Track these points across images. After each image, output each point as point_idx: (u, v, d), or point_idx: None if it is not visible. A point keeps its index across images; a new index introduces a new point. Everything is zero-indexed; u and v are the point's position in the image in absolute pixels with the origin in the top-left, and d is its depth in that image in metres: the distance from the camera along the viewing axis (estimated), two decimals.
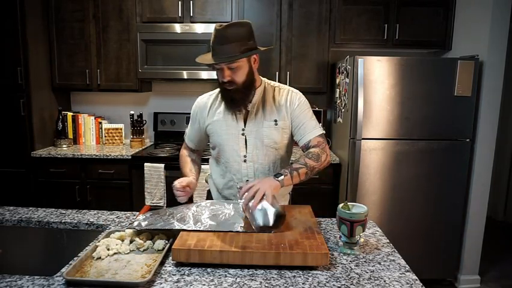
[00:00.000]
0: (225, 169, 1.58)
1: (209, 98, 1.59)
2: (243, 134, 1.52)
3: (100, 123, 3.30)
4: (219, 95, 1.55)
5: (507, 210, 4.17)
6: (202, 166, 1.84)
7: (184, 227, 1.25)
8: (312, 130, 1.52)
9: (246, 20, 1.48)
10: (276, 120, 1.51)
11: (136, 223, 1.30)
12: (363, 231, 1.24)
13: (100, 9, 3.00)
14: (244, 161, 1.53)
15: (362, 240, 1.31)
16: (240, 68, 1.40)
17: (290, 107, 1.52)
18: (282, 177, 1.36)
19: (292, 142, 1.61)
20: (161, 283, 1.04)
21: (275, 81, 1.70)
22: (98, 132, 3.31)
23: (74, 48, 3.06)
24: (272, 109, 1.52)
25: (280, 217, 1.26)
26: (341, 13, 2.95)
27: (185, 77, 2.95)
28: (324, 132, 1.55)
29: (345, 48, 3.05)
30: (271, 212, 1.24)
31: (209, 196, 1.79)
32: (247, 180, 1.53)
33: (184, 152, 1.71)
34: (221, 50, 1.35)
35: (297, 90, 1.59)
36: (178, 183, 1.45)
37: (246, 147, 1.52)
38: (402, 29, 2.95)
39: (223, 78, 1.40)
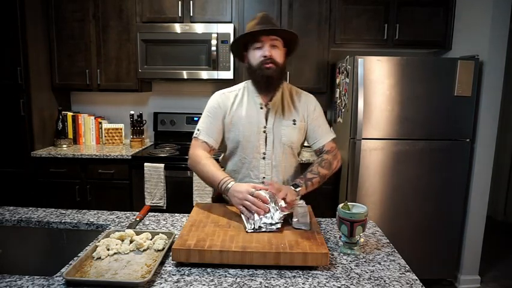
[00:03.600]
0: (241, 165, 1.58)
1: (230, 93, 1.61)
2: (264, 132, 1.55)
3: (100, 123, 3.30)
4: (240, 92, 1.60)
5: (507, 210, 4.17)
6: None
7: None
8: (325, 135, 1.62)
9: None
10: (294, 120, 1.57)
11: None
12: (363, 231, 1.24)
13: (100, 9, 3.00)
14: (263, 158, 1.56)
15: (362, 240, 1.31)
16: (279, 49, 1.50)
17: (308, 109, 1.60)
18: (299, 188, 1.44)
19: (303, 142, 1.66)
20: (161, 283, 1.04)
21: None
22: (98, 132, 3.31)
23: (74, 48, 3.06)
24: (290, 109, 1.58)
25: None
26: (341, 13, 2.95)
27: (185, 77, 2.95)
28: (335, 136, 1.65)
29: (345, 48, 3.05)
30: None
31: (214, 193, 1.78)
32: (264, 178, 1.56)
33: (200, 152, 1.52)
34: (266, 26, 1.45)
35: (311, 94, 1.67)
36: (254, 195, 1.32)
37: (266, 144, 1.55)
38: (402, 29, 2.95)
39: (265, 53, 1.46)
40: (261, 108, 1.55)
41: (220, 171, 1.47)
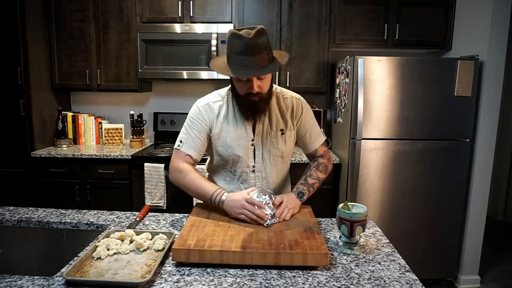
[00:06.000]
0: (233, 176, 1.54)
1: (214, 104, 1.50)
2: (252, 145, 1.49)
3: (100, 123, 3.30)
4: (225, 101, 1.50)
5: (507, 210, 4.17)
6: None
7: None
8: (317, 138, 1.58)
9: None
10: (282, 130, 1.50)
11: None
12: (363, 231, 1.24)
13: (100, 9, 3.00)
14: (253, 171, 1.50)
15: (362, 240, 1.31)
16: (267, 76, 1.37)
17: (296, 115, 1.53)
18: (304, 197, 1.46)
19: (293, 149, 1.61)
20: (161, 283, 1.04)
21: (275, 82, 1.69)
22: (98, 132, 3.31)
23: (74, 48, 3.06)
24: (278, 119, 1.50)
25: None
26: (341, 13, 2.95)
27: (185, 77, 2.95)
28: (326, 138, 1.62)
29: (345, 48, 3.05)
30: None
31: None
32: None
33: (184, 166, 1.45)
34: (252, 62, 1.27)
35: (299, 96, 1.58)
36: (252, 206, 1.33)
37: (255, 157, 1.50)
38: (402, 29, 2.95)
39: (253, 90, 1.34)
40: (248, 120, 1.47)
41: (210, 184, 1.43)
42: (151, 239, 1.27)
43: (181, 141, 1.49)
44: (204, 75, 2.93)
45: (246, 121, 1.47)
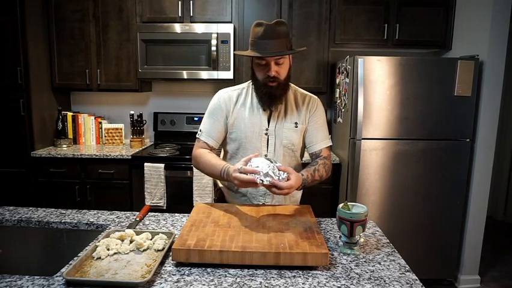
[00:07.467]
0: None
1: (233, 93, 1.60)
2: (266, 134, 1.55)
3: (100, 123, 3.30)
4: (244, 92, 1.59)
5: (507, 210, 4.17)
6: None
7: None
8: (324, 139, 1.64)
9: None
10: (296, 123, 1.57)
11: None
12: (363, 231, 1.24)
13: (100, 9, 3.00)
14: None
15: (362, 240, 1.31)
16: (285, 63, 1.47)
17: (310, 111, 1.60)
18: (304, 187, 1.49)
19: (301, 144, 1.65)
20: (161, 283, 1.04)
21: None
22: (98, 132, 3.31)
23: (74, 48, 3.06)
24: (293, 111, 1.58)
25: None
26: (341, 13, 2.95)
27: (185, 77, 2.95)
28: (331, 144, 1.68)
29: (345, 48, 3.05)
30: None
31: (216, 195, 1.78)
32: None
33: (201, 150, 1.56)
34: (270, 45, 1.39)
35: (316, 96, 1.65)
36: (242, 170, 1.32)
37: (267, 146, 1.55)
38: (402, 29, 2.95)
39: (270, 73, 1.43)
40: (264, 110, 1.55)
41: (219, 161, 1.49)
42: (151, 239, 1.27)
43: (200, 130, 1.60)
44: (204, 75, 2.93)
45: (262, 110, 1.54)
